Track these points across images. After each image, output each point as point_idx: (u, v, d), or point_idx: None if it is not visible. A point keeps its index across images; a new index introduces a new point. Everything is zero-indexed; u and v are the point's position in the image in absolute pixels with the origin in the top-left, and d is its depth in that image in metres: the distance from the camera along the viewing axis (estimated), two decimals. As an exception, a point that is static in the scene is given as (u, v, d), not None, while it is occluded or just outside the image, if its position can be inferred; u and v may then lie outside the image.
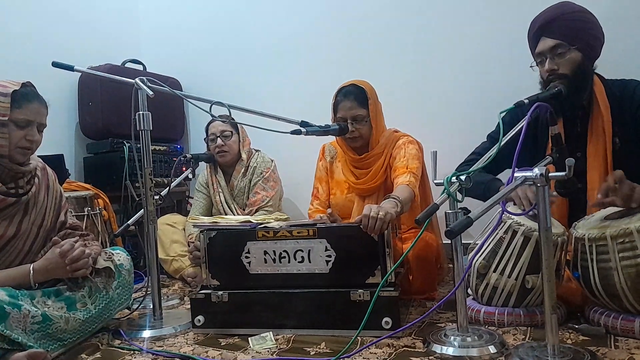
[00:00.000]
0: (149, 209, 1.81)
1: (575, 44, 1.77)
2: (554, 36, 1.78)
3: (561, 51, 1.78)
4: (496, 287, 1.61)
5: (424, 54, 2.83)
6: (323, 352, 1.48)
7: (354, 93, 2.08)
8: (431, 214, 1.30)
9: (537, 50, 1.84)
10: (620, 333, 1.43)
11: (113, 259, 1.74)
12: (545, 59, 1.81)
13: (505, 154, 1.49)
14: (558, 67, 1.78)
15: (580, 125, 1.86)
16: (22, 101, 1.54)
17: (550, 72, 1.79)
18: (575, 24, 1.78)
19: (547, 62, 1.80)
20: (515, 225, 1.58)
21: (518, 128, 1.47)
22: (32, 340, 1.44)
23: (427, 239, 1.95)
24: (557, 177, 1.29)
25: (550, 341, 1.25)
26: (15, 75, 1.64)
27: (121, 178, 2.75)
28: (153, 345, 1.63)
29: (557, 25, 1.78)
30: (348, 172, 2.18)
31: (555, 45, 1.78)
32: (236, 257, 1.74)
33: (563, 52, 1.78)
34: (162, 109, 3.07)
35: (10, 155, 1.55)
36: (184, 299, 2.27)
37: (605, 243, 1.45)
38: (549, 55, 1.80)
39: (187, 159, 2.61)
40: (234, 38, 3.44)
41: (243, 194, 2.73)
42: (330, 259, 1.66)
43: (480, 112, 2.51)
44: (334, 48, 3.07)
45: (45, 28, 3.04)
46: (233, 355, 1.49)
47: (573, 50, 1.77)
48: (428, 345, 1.44)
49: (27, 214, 1.64)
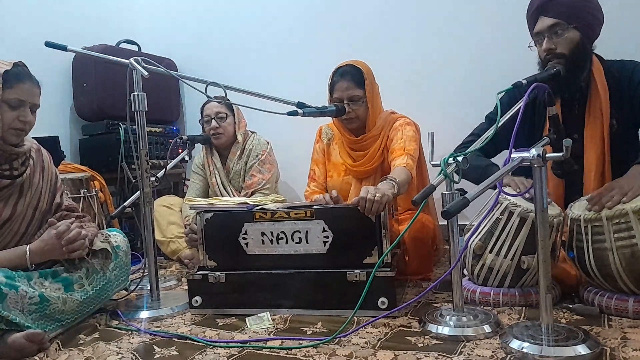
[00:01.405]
0: (145, 191, 1.80)
1: (573, 23, 1.75)
2: (553, 15, 1.76)
3: (559, 30, 1.76)
4: (492, 267, 1.62)
5: (421, 34, 2.81)
6: (320, 331, 1.49)
7: (350, 73, 2.06)
8: (427, 195, 1.30)
9: (536, 29, 1.82)
10: (614, 312, 1.44)
11: (110, 241, 1.74)
12: (543, 39, 1.79)
13: (503, 135, 1.49)
14: (556, 47, 1.77)
15: (578, 107, 1.85)
16: (13, 81, 1.52)
17: (548, 52, 1.78)
18: (574, 3, 1.76)
19: (545, 41, 1.78)
20: (512, 206, 1.58)
21: (516, 109, 1.46)
22: (29, 321, 1.45)
23: (424, 220, 1.96)
24: (555, 158, 1.28)
25: (544, 320, 1.26)
26: (7, 55, 1.62)
27: (117, 160, 2.74)
28: (151, 326, 1.64)
29: (556, 4, 1.76)
30: (345, 154, 2.18)
31: (554, 24, 1.76)
32: (233, 238, 1.74)
33: (561, 31, 1.76)
34: (157, 90, 3.05)
35: (4, 137, 1.54)
36: (181, 280, 2.28)
37: (600, 224, 1.46)
38: (547, 35, 1.78)
39: (183, 140, 2.60)
40: (229, 18, 3.40)
41: (239, 176, 2.73)
42: (327, 239, 1.67)
43: (478, 93, 2.50)
44: (331, 29, 3.04)
45: (39, 8, 3.00)
46: (230, 335, 1.50)
47: (571, 29, 1.75)
48: (424, 325, 1.45)
49: (23, 196, 1.63)
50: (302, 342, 1.40)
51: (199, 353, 1.37)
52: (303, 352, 1.33)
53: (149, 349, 1.43)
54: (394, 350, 1.29)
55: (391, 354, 1.28)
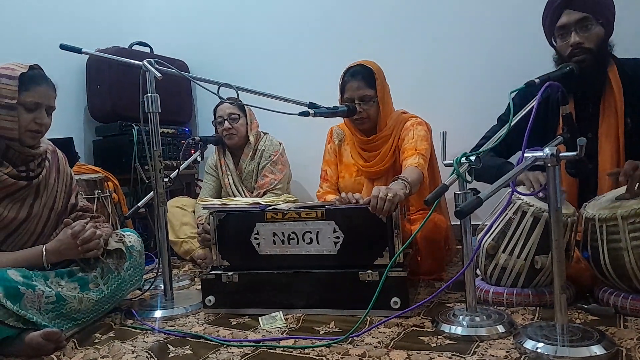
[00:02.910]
0: (159, 192, 1.82)
1: (600, 18, 1.73)
2: (580, 9, 1.72)
3: (589, 25, 1.73)
4: (505, 267, 1.61)
5: (432, 34, 2.80)
6: (332, 331, 1.50)
7: (361, 73, 2.06)
8: (440, 195, 1.30)
9: (560, 23, 1.77)
10: (630, 313, 1.43)
11: (124, 241, 1.76)
12: (568, 33, 1.75)
13: (516, 135, 1.48)
14: (583, 41, 1.73)
15: (592, 106, 1.83)
16: (30, 84, 1.54)
17: (576, 46, 1.74)
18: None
19: (573, 35, 1.74)
20: (525, 205, 1.57)
21: (528, 108, 1.45)
22: (46, 320, 1.47)
23: (436, 220, 1.95)
24: (568, 157, 1.27)
25: (559, 321, 1.25)
26: (23, 58, 1.64)
27: (130, 161, 2.76)
28: (165, 325, 1.65)
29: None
30: (356, 154, 2.18)
31: (582, 18, 1.73)
32: (246, 238, 1.75)
33: (591, 25, 1.73)
34: (169, 92, 3.07)
35: (21, 139, 1.56)
36: (194, 279, 2.29)
37: (615, 223, 1.44)
38: (575, 29, 1.74)
39: (196, 141, 2.62)
40: (241, 20, 3.42)
41: (251, 177, 2.74)
42: (338, 240, 1.67)
43: (490, 92, 2.49)
44: (342, 29, 3.04)
45: (53, 11, 3.04)
46: (244, 334, 1.51)
47: (598, 25, 1.73)
48: (437, 325, 1.45)
49: (39, 197, 1.66)
50: (315, 342, 1.40)
51: (212, 352, 1.38)
52: (316, 352, 1.34)
53: (164, 348, 1.44)
54: (407, 350, 1.29)
55: (404, 353, 1.28)
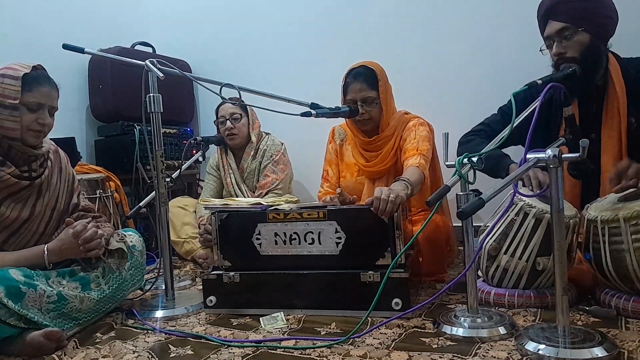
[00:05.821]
0: (160, 192, 1.82)
1: (582, 25, 1.73)
2: (560, 19, 1.75)
3: (568, 34, 1.74)
4: (507, 269, 1.61)
5: (434, 35, 2.79)
6: (334, 332, 1.49)
7: (363, 74, 2.06)
8: (442, 196, 1.30)
9: (545, 34, 1.81)
10: (631, 315, 1.42)
11: (125, 241, 1.76)
12: (553, 43, 1.78)
13: (517, 133, 1.48)
14: (566, 51, 1.75)
15: (595, 106, 1.83)
16: (33, 84, 1.55)
17: (559, 56, 1.77)
18: (582, 5, 1.73)
19: (555, 45, 1.77)
20: (527, 207, 1.57)
21: (531, 109, 1.45)
22: (47, 320, 1.47)
23: (438, 221, 1.95)
24: (571, 159, 1.27)
25: (560, 322, 1.25)
26: (26, 58, 1.64)
27: (132, 161, 2.77)
28: (166, 325, 1.65)
29: (563, 8, 1.75)
30: (358, 154, 2.18)
31: (562, 29, 1.75)
32: (247, 238, 1.75)
33: (570, 35, 1.74)
34: (171, 92, 3.07)
35: (23, 139, 1.56)
36: (195, 280, 2.30)
37: (618, 225, 1.44)
38: (556, 39, 1.77)
39: (198, 141, 2.62)
40: (243, 20, 3.41)
41: (253, 176, 2.74)
42: (340, 241, 1.67)
43: (492, 93, 2.47)
44: (345, 29, 3.04)
45: (56, 11, 3.04)
46: (245, 334, 1.51)
47: (580, 32, 1.73)
48: (438, 326, 1.45)
49: (41, 197, 1.66)
50: (316, 342, 1.40)
51: (213, 352, 1.38)
52: (317, 352, 1.34)
53: (165, 348, 1.44)
54: (408, 351, 1.29)
55: (405, 354, 1.27)
